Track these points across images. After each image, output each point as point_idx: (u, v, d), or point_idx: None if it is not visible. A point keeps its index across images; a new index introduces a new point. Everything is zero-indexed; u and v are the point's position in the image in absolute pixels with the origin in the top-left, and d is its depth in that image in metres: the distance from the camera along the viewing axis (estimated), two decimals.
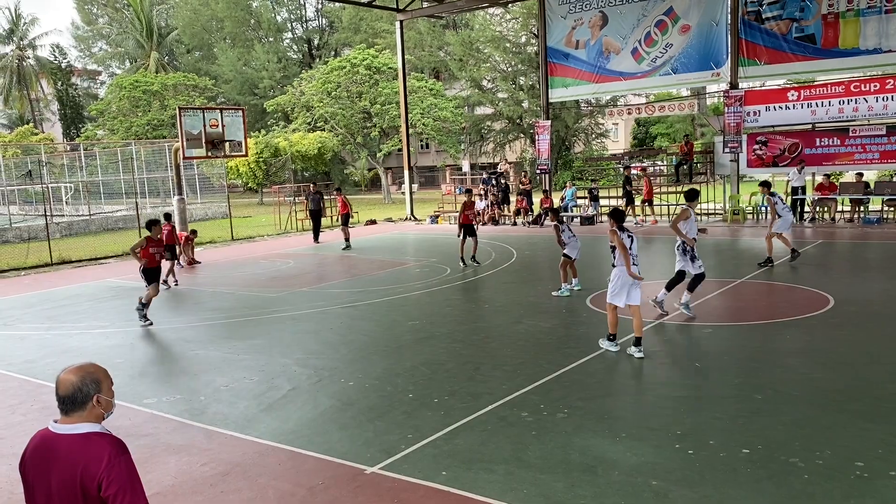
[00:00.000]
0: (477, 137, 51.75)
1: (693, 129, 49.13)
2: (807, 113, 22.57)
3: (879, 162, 22.00)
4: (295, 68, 58.52)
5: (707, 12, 23.69)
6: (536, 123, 28.81)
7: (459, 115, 45.87)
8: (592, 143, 51.31)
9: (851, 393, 7.14)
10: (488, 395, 7.46)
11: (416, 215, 30.55)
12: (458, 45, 47.83)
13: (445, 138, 44.22)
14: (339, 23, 60.15)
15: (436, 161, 57.63)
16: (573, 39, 26.62)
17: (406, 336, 10.31)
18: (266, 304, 13.23)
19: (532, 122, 35.41)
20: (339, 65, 43.77)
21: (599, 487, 5.36)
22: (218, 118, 18.34)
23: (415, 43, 50.32)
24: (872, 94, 21.49)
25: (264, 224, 30.19)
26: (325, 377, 8.47)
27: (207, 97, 52.14)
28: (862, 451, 5.72)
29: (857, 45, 21.31)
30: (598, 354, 8.83)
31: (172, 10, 66.23)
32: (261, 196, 46.92)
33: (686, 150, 26.29)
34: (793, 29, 22.28)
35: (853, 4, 21.15)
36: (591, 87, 27.12)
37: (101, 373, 3.05)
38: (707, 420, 6.58)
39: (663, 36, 24.58)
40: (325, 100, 43.06)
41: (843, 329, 9.52)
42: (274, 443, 6.59)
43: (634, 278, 8.69)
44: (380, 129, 43.52)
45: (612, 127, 55.73)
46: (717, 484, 5.32)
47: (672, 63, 24.59)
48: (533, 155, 32.95)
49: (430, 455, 6.07)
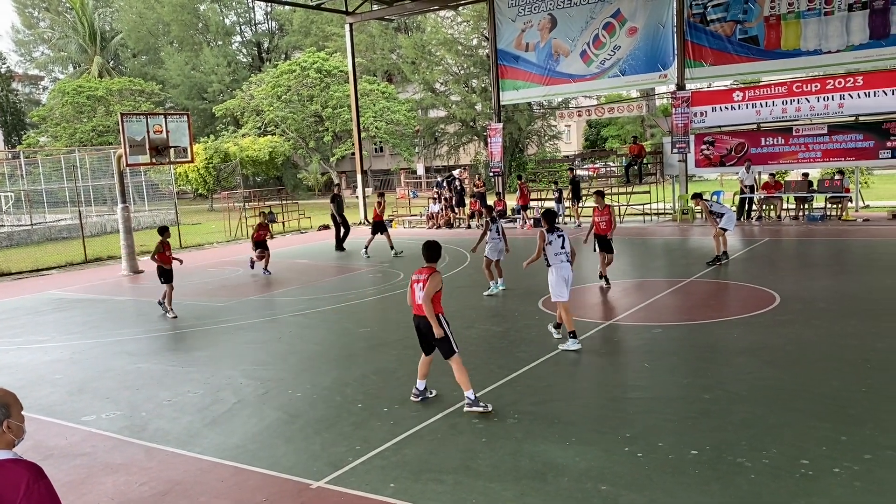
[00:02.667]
0: (431, 140, 51.71)
1: (643, 131, 49.90)
2: (752, 113, 23.03)
3: (822, 160, 22.55)
4: (244, 72, 57.71)
5: (653, 14, 24.02)
6: (489, 126, 28.85)
7: (413, 118, 45.77)
8: (545, 146, 51.68)
9: (797, 391, 7.22)
10: (438, 403, 7.36)
11: (370, 220, 30.26)
12: (410, 47, 47.73)
13: (399, 141, 44.08)
14: (289, 26, 59.52)
15: (390, 164, 57.40)
16: (523, 42, 26.74)
17: (357, 344, 10.15)
18: (213, 313, 12.91)
19: (485, 124, 35.52)
20: (290, 68, 43.31)
21: (549, 494, 5.30)
22: (162, 124, 17.86)
23: (366, 46, 50.04)
24: (814, 94, 22.01)
25: (214, 231, 29.64)
26: (272, 389, 8.26)
27: (154, 102, 51.07)
28: (807, 449, 5.77)
29: (798, 47, 21.83)
30: (549, 358, 8.80)
31: (116, 14, 64.72)
32: (211, 202, 46.10)
33: (636, 151, 26.60)
34: (737, 31, 22.72)
35: (794, 7, 21.66)
36: (542, 90, 27.28)
37: (10, 397, 2.90)
38: (656, 422, 6.58)
39: (611, 38, 24.85)
40: (276, 104, 42.55)
41: (789, 327, 9.66)
42: (217, 459, 6.38)
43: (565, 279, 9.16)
44: (332, 132, 43.18)
45: (565, 129, 56.21)
46: (666, 487, 5.30)
47: (620, 65, 24.86)
48: (487, 157, 33.00)
49: (378, 467, 5.94)
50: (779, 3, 21.90)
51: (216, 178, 42.47)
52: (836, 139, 21.76)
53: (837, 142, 21.76)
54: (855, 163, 22.38)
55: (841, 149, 21.74)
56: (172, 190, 35.15)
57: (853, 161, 22.12)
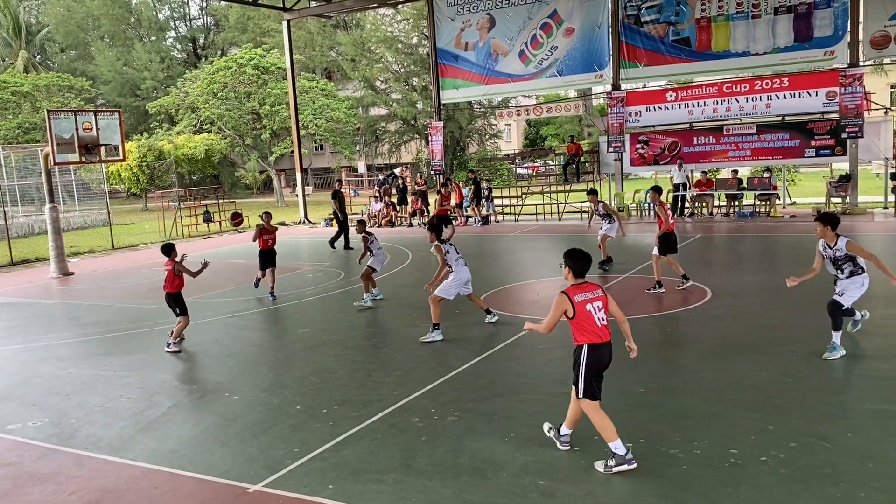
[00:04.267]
0: (372, 138, 51.43)
1: (580, 130, 50.67)
2: (684, 113, 23.65)
3: (751, 159, 23.32)
4: (179, 68, 56.32)
5: (589, 15, 24.42)
6: (430, 124, 28.89)
7: (353, 115, 45.42)
8: (486, 144, 51.98)
9: (727, 383, 7.46)
10: (379, 403, 7.33)
11: (310, 219, 30.01)
12: (350, 45, 47.36)
13: (339, 139, 43.69)
14: (225, 22, 58.35)
15: (331, 162, 56.90)
16: (462, 41, 26.86)
17: (296, 345, 10.04)
18: (147, 316, 12.58)
19: (426, 122, 35.56)
20: (226, 65, 42.44)
21: (488, 490, 5.34)
22: (92, 121, 17.28)
23: (305, 43, 49.43)
24: (743, 94, 22.74)
25: (148, 231, 28.87)
26: (209, 392, 8.11)
27: (85, 99, 49.33)
28: (737, 439, 5.96)
29: (728, 49, 22.53)
30: (491, 354, 8.87)
31: (43, 7, 62.34)
32: (145, 202, 44.86)
33: (573, 150, 27.01)
34: (669, 32, 23.30)
35: (723, 10, 22.34)
36: (481, 89, 27.47)
37: None
38: None
39: (548, 38, 25.17)
40: (212, 101, 41.64)
41: (720, 320, 9.97)
42: (151, 465, 6.23)
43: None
44: (270, 130, 42.51)
45: (505, 128, 56.66)
46: (602, 479, 5.41)
47: (558, 65, 25.21)
48: (428, 156, 33.04)
49: (316, 469, 5.89)
50: (709, 5, 22.55)
51: (150, 177, 41.35)
52: (765, 138, 22.54)
53: (765, 141, 22.55)
54: (782, 161, 23.23)
55: (769, 148, 22.54)
56: (104, 189, 34.03)
57: (780, 159, 22.95)
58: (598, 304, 5.60)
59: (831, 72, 21.39)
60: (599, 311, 5.59)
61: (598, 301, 5.61)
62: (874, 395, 6.86)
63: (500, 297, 12.25)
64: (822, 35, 21.24)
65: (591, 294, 5.61)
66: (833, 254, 7.96)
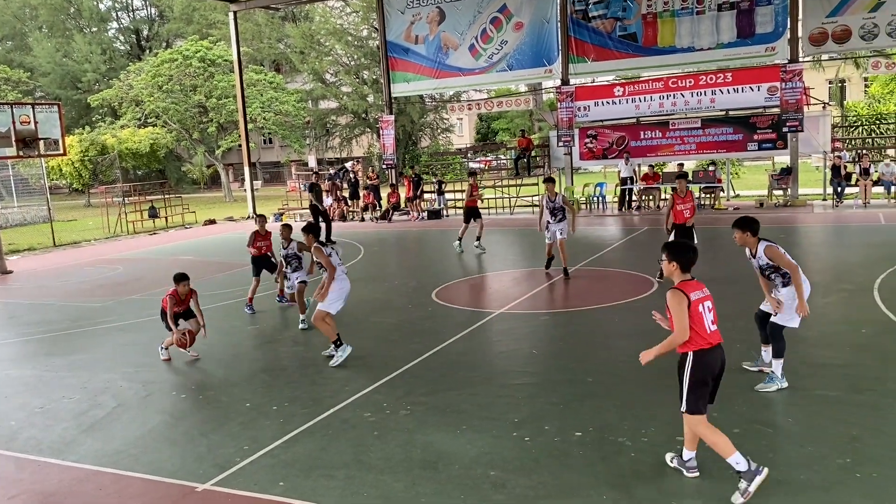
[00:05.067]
0: (322, 132, 50.90)
1: (531, 124, 51.04)
2: (631, 107, 24.01)
3: (696, 153, 23.80)
4: (122, 60, 54.86)
5: (538, 10, 24.59)
6: (381, 118, 28.74)
7: (302, 109, 44.92)
8: (438, 138, 51.96)
9: (673, 371, 7.58)
10: (330, 399, 7.29)
11: (254, 214, 29.54)
12: (299, 37, 46.74)
13: (289, 133, 43.16)
14: (170, 13, 56.99)
15: (280, 156, 56.16)
16: (412, 34, 26.78)
17: (245, 342, 9.91)
18: (90, 314, 12.26)
19: (377, 116, 35.34)
20: (171, 57, 41.50)
21: (440, 483, 5.36)
22: (30, 114, 16.74)
23: (252, 34, 48.64)
24: (688, 89, 23.18)
25: (91, 227, 28.11)
26: (155, 391, 7.94)
27: (22, 91, 47.76)
28: (681, 425, 6.07)
29: (673, 44, 22.95)
30: (442, 348, 8.89)
31: None
32: (88, 197, 43.66)
33: (524, 144, 27.21)
34: (617, 27, 23.62)
35: (669, 6, 22.74)
36: (432, 83, 27.44)
37: None
38: (543, 406, 6.78)
39: (498, 33, 25.27)
40: (156, 94, 40.69)
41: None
42: (95, 466, 6.08)
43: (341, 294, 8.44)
44: (217, 124, 41.75)
45: (457, 122, 56.76)
46: (553, 469, 5.47)
47: (508, 59, 25.34)
48: (380, 150, 32.87)
49: (267, 466, 5.83)
50: (655, 1, 22.92)
51: (93, 172, 40.26)
52: (709, 132, 23.03)
53: (710, 135, 23.04)
54: (726, 155, 23.78)
55: (713, 141, 23.04)
56: (44, 185, 33.00)
57: (724, 153, 23.49)
58: (708, 304, 5.02)
59: (772, 67, 21.98)
60: (710, 311, 5.02)
61: (709, 300, 5.03)
62: (814, 382, 7.08)
63: (452, 291, 12.29)
64: (763, 31, 21.79)
65: (702, 293, 5.00)
66: (756, 263, 6.94)
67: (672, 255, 5.09)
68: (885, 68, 24.95)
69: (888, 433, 5.77)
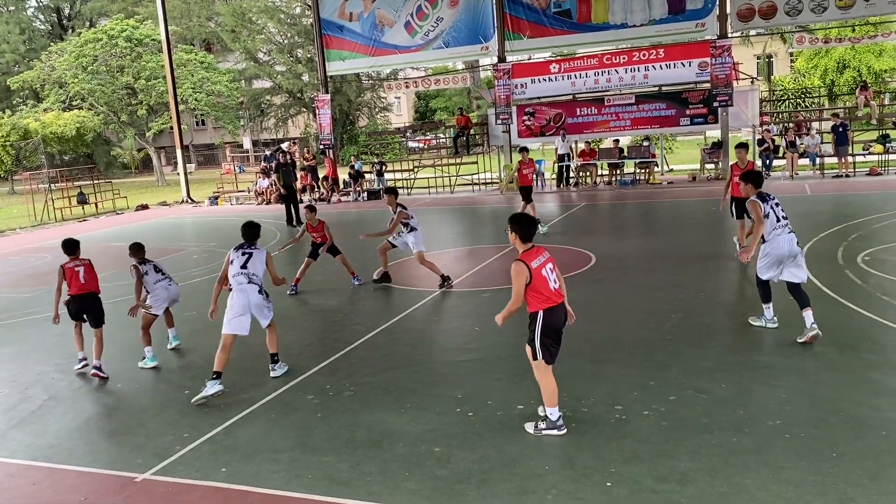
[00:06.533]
0: (257, 112, 49.78)
1: (469, 102, 51.00)
2: (567, 84, 24.18)
3: (631, 129, 24.18)
4: (43, 40, 52.51)
5: None
6: (317, 98, 28.30)
7: (235, 89, 43.87)
8: (376, 118, 51.46)
9: (612, 342, 7.79)
10: (272, 382, 7.21)
11: (193, 197, 28.90)
12: (229, 15, 45.44)
13: (222, 114, 42.11)
14: None
15: (214, 138, 54.77)
16: (346, 11, 26.37)
17: (182, 328, 9.66)
18: (18, 305, 11.82)
19: (313, 96, 34.72)
20: (95, 36, 39.90)
21: (385, 462, 5.37)
22: None
23: (181, 13, 47.02)
24: (622, 65, 23.47)
25: (16, 216, 27.01)
26: (90, 382, 7.72)
27: None
28: (621, 395, 6.25)
29: (606, 20, 23.17)
30: (385, 328, 8.87)
31: None
32: (11, 184, 41.86)
33: (463, 122, 27.20)
34: (551, 4, 23.70)
35: None
36: (368, 61, 27.14)
37: None
38: (486, 381, 6.85)
39: (434, 10, 25.09)
40: (81, 75, 39.12)
41: (603, 283, 10.38)
42: (27, 461, 5.90)
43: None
44: (147, 105, 40.45)
45: (395, 101, 56.29)
46: (496, 443, 5.54)
47: (444, 37, 25.20)
48: (316, 130, 32.36)
49: (208, 452, 5.74)
50: None
51: (16, 158, 38.58)
52: (643, 108, 23.41)
53: (644, 111, 23.43)
54: (660, 130, 24.25)
55: (647, 117, 23.45)
56: None
57: (658, 128, 23.95)
58: (549, 266, 5.57)
59: (702, 43, 22.42)
60: (552, 272, 5.57)
61: (550, 263, 5.59)
62: (746, 348, 7.33)
63: (395, 271, 12.24)
64: (693, 7, 22.18)
65: (542, 258, 5.56)
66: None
67: (513, 227, 5.65)
68: (808, 43, 25.79)
69: (815, 396, 6.03)
